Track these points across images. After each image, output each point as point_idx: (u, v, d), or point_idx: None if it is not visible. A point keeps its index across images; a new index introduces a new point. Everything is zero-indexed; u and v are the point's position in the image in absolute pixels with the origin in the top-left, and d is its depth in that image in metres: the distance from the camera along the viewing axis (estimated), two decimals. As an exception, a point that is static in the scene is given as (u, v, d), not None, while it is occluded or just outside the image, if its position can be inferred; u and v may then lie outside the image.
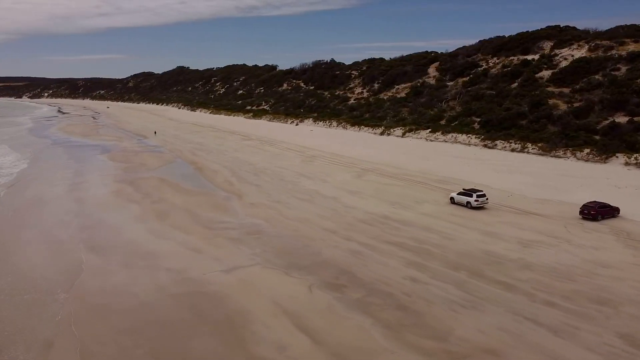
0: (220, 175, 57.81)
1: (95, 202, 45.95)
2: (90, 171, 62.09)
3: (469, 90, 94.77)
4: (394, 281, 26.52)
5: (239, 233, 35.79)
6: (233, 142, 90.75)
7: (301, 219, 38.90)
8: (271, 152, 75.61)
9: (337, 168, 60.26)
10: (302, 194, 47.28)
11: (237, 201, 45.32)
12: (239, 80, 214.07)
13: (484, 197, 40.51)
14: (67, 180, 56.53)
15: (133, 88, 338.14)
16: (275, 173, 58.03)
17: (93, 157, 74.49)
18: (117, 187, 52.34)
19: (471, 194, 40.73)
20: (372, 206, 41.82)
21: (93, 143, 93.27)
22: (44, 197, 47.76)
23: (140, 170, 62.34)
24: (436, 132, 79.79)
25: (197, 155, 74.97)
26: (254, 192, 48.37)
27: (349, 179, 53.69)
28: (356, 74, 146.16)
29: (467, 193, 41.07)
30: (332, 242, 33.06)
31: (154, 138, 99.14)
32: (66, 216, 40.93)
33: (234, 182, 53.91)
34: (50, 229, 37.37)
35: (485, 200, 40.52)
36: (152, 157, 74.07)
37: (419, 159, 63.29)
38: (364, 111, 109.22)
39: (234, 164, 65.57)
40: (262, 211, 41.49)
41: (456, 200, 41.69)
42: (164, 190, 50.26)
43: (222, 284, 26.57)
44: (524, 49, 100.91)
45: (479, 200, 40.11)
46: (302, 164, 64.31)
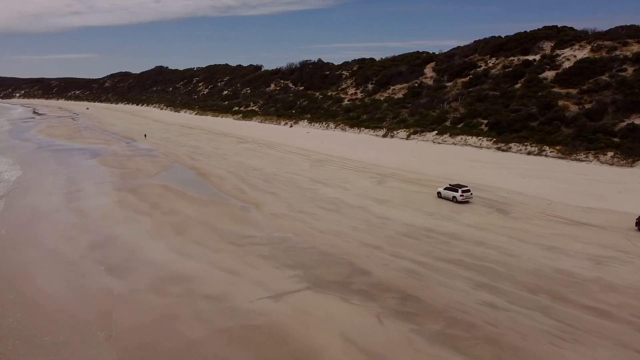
0: (228, 182, 54.04)
1: (99, 214, 41.79)
2: (84, 178, 57.59)
3: (471, 91, 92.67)
4: (470, 307, 23.43)
5: (270, 249, 32.30)
6: (229, 145, 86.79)
7: (334, 232, 35.57)
8: (274, 156, 71.98)
9: (352, 173, 57.09)
10: (325, 202, 43.93)
11: (256, 212, 41.73)
12: (223, 81, 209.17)
13: (468, 192, 43.26)
14: (61, 188, 52.05)
15: (110, 88, 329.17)
16: (287, 179, 54.52)
17: (83, 162, 69.73)
18: (118, 196, 48.18)
19: (457, 189, 43.34)
20: (408, 217, 38.74)
21: (80, 147, 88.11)
22: (41, 208, 43.38)
23: (138, 177, 58.12)
24: (443, 134, 77.17)
25: (195, 159, 70.89)
26: (272, 201, 44.82)
27: (370, 185, 50.57)
28: (347, 75, 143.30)
29: (453, 188, 43.67)
30: (380, 260, 29.83)
31: (144, 141, 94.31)
32: (71, 231, 36.78)
33: (246, 189, 50.24)
34: (56, 247, 33.23)
35: (470, 196, 43.22)
36: (148, 161, 69.68)
37: (435, 163, 60.60)
38: (361, 112, 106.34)
39: (239, 169, 61.81)
40: (288, 223, 38.04)
41: (442, 195, 44.61)
42: (172, 200, 46.31)
43: (275, 315, 23.07)
44: (524, 50, 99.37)
45: (464, 195, 42.92)
46: (312, 169, 60.93)
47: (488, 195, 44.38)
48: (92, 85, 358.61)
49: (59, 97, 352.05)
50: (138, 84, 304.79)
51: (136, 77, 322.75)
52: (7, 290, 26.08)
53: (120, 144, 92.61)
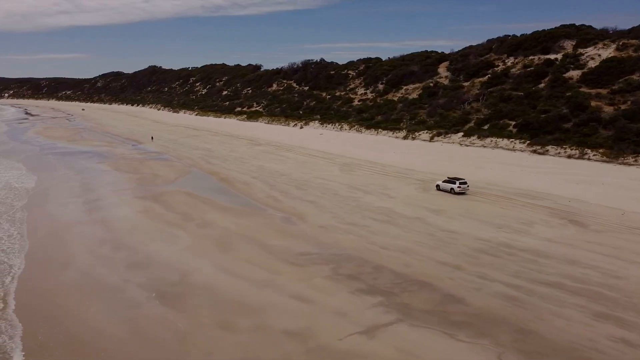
0: (257, 189, 50.12)
1: (126, 226, 37.73)
2: (99, 184, 53.38)
3: (491, 91, 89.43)
4: (604, 345, 19.87)
5: (334, 270, 28.55)
6: (243, 147, 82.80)
7: (399, 248, 31.83)
8: (295, 160, 68.15)
9: (389, 179, 53.44)
10: (374, 213, 40.20)
11: (302, 224, 37.91)
12: (221, 81, 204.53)
13: (465, 184, 46.30)
14: (77, 196, 47.84)
15: (102, 88, 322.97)
16: (320, 186, 50.72)
17: (93, 167, 65.40)
18: (142, 205, 44.07)
19: (455, 181, 46.58)
20: (474, 229, 35.14)
21: (84, 149, 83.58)
22: (62, 220, 39.21)
23: (157, 183, 54.02)
24: (471, 136, 73.75)
25: (212, 163, 66.83)
26: (314, 212, 41.01)
27: (415, 192, 46.93)
28: (354, 74, 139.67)
29: (451, 181, 47.00)
30: (467, 283, 26.13)
31: (151, 144, 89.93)
32: (102, 248, 32.65)
33: (279, 197, 46.35)
34: (92, 268, 29.13)
35: (467, 187, 46.31)
36: (162, 166, 65.50)
37: (472, 168, 57.17)
38: (375, 113, 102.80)
39: (263, 174, 57.89)
40: (342, 237, 34.25)
41: (441, 187, 47.55)
42: (202, 210, 42.32)
43: (377, 358, 19.21)
44: (544, 49, 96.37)
45: (461, 187, 45.96)
46: (343, 174, 57.22)
47: (550, 204, 40.94)
48: (84, 85, 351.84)
49: (50, 97, 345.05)
50: (131, 84, 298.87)
51: (129, 77, 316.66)
52: (50, 327, 21.99)
53: (125, 146, 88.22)
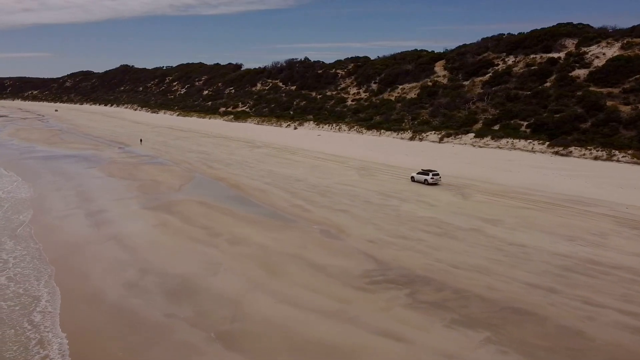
0: (277, 197, 45.65)
1: (146, 244, 32.81)
2: (98, 193, 47.99)
3: (495, 90, 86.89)
4: None
5: (412, 296, 24.65)
6: (242, 150, 77.96)
7: (473, 266, 27.99)
8: (304, 163, 63.85)
9: (416, 184, 49.64)
10: (422, 224, 36.33)
11: (347, 238, 33.76)
12: (200, 80, 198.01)
13: (437, 175, 49.56)
14: (76, 207, 42.48)
15: (71, 88, 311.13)
16: (346, 193, 46.58)
17: (83, 173, 59.63)
18: (155, 217, 39.11)
19: (428, 173, 49.79)
20: (545, 242, 31.68)
21: (68, 153, 77.25)
22: (70, 240, 34.05)
23: (162, 191, 48.92)
24: (484, 137, 70.75)
25: (214, 168, 61.91)
26: (354, 223, 36.87)
27: (455, 199, 43.31)
28: (343, 73, 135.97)
29: (425, 172, 50.17)
30: (575, 310, 22.51)
31: (140, 146, 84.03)
32: (128, 273, 27.74)
33: (306, 206, 42.06)
34: (125, 301, 24.26)
35: (439, 179, 49.48)
36: (160, 171, 60.22)
37: (500, 171, 54.08)
38: (373, 113, 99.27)
39: (276, 179, 53.40)
40: (402, 254, 30.24)
41: (416, 178, 50.78)
42: (226, 222, 37.66)
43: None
44: (545, 47, 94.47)
45: (434, 178, 49.22)
46: (363, 178, 53.28)
47: (608, 211, 37.94)
48: (51, 84, 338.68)
49: (14, 97, 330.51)
50: (102, 83, 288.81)
51: (100, 77, 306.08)
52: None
53: (112, 149, 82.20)
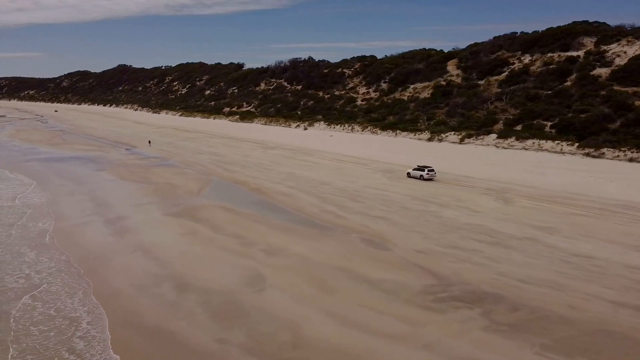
0: (304, 202, 43.08)
1: (177, 256, 30.17)
2: (113, 198, 45.22)
3: (513, 89, 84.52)
4: None
5: (488, 316, 22.14)
6: (254, 151, 75.32)
7: (543, 281, 25.55)
8: (325, 166, 61.30)
9: (451, 188, 47.27)
10: (471, 232, 33.86)
11: (393, 248, 31.27)
12: (202, 80, 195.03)
13: (433, 172, 50.95)
14: (94, 214, 39.74)
15: (68, 88, 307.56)
16: (378, 197, 44.06)
17: (94, 176, 56.80)
18: (180, 225, 36.42)
19: (424, 169, 51.30)
20: (614, 254, 29.34)
21: (74, 155, 74.34)
22: (94, 250, 31.27)
23: (180, 196, 46.21)
24: (507, 138, 68.31)
25: (230, 170, 59.21)
26: (396, 231, 34.33)
27: (497, 205, 40.87)
28: (350, 73, 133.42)
29: (420, 168, 51.74)
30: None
31: (148, 148, 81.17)
32: (164, 289, 25.13)
33: (339, 212, 39.53)
34: (168, 324, 21.55)
35: (434, 174, 50.88)
36: (173, 174, 57.49)
37: (533, 174, 51.63)
38: (385, 113, 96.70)
39: (299, 183, 50.78)
40: (460, 267, 27.73)
41: (412, 174, 52.17)
42: (257, 231, 35.08)
43: None
44: (563, 46, 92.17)
45: (429, 174, 50.67)
46: (393, 182, 50.86)
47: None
48: (48, 84, 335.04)
49: (10, 97, 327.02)
50: (100, 83, 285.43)
51: (97, 77, 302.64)
52: None
53: (118, 150, 79.31)
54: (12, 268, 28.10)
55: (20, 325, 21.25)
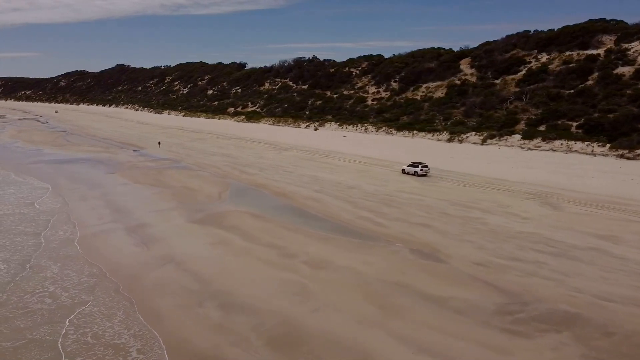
0: (336, 207, 40.62)
1: (212, 269, 27.61)
2: (130, 203, 42.52)
3: (532, 89, 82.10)
4: None
5: (582, 340, 19.84)
6: (269, 153, 72.68)
7: (630, 299, 23.24)
8: (348, 168, 58.75)
9: (489, 192, 44.83)
10: (526, 241, 31.45)
11: (444, 258, 28.86)
12: (203, 79, 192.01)
13: (426, 167, 52.48)
14: (113, 221, 37.02)
15: (66, 88, 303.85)
16: (414, 202, 41.50)
17: (105, 179, 53.99)
18: (209, 234, 33.84)
19: (418, 165, 52.70)
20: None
21: (81, 157, 71.45)
22: (120, 263, 28.55)
23: (201, 201, 43.54)
24: (533, 139, 65.84)
25: (248, 173, 56.51)
26: (444, 241, 31.86)
27: (545, 211, 38.49)
28: (357, 72, 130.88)
29: (415, 165, 53.04)
30: None
31: (156, 149, 78.33)
32: (208, 309, 22.48)
33: (377, 219, 37.05)
34: (221, 349, 19.13)
35: (428, 170, 52.43)
36: (188, 177, 54.76)
37: (570, 177, 49.29)
38: (399, 113, 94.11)
39: (325, 187, 48.19)
40: (527, 282, 25.27)
41: (406, 171, 53.63)
42: (294, 240, 32.54)
43: None
44: (582, 44, 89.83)
45: (423, 170, 52.09)
46: (427, 186, 48.30)
47: None
48: (45, 84, 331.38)
49: (7, 97, 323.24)
50: (98, 83, 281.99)
51: (95, 76, 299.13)
52: None
53: (126, 152, 76.44)
54: (49, 282, 25.35)
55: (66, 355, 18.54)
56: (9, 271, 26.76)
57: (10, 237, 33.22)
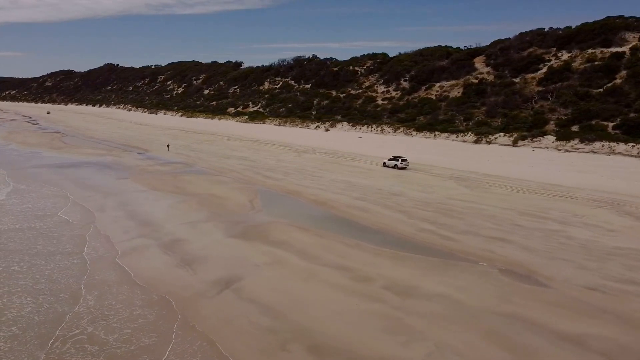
0: (388, 218, 36.44)
1: (281, 298, 23.34)
2: (155, 214, 38.01)
3: (559, 88, 78.64)
4: None
5: None
6: (287, 155, 68.31)
7: None
8: (381, 172, 54.41)
9: (549, 199, 40.70)
10: (632, 259, 27.16)
11: (546, 282, 24.78)
12: (198, 79, 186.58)
13: (406, 161, 55.05)
14: (141, 236, 32.47)
15: (52, 88, 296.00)
16: (475, 211, 37.44)
17: (118, 185, 49.18)
18: (257, 251, 29.48)
19: (397, 159, 55.25)
20: None
21: (83, 160, 66.31)
22: (168, 286, 23.75)
23: (234, 210, 39.15)
24: (570, 140, 62.23)
25: (273, 178, 52.07)
26: (531, 257, 27.91)
27: (628, 222, 34.64)
28: (362, 71, 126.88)
29: (395, 158, 55.62)
30: None
31: (161, 151, 73.34)
32: (298, 355, 17.76)
33: (440, 231, 32.97)
34: None
35: (407, 164, 54.87)
36: (210, 183, 50.23)
37: (631, 182, 45.28)
38: (414, 113, 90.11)
39: (366, 193, 44.09)
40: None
41: (387, 164, 55.96)
42: (359, 259, 28.31)
43: None
44: (604, 41, 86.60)
45: (402, 163, 54.62)
46: (476, 192, 44.22)
47: None
48: (30, 84, 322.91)
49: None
50: (86, 83, 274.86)
51: (83, 76, 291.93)
52: None
53: (131, 155, 71.44)
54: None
55: None
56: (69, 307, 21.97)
57: (45, 258, 28.34)
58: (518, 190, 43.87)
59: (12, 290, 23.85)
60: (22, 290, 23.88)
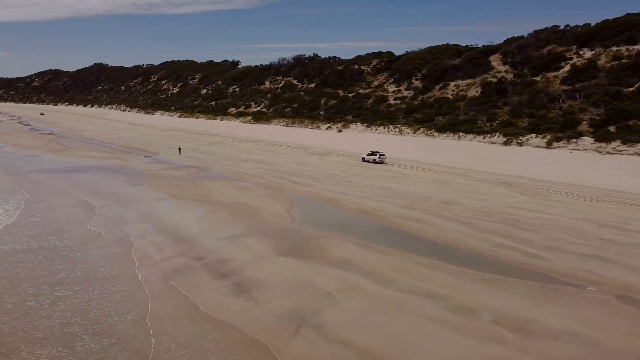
0: (452, 231, 32.32)
1: (372, 339, 19.52)
2: (184, 227, 33.61)
3: (586, 87, 75.18)
4: None
5: None
6: (307, 158, 64.21)
7: None
8: (422, 177, 50.63)
9: (620, 208, 36.94)
10: None
11: (689, 314, 20.21)
12: (194, 78, 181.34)
13: (383, 156, 57.68)
14: (178, 255, 28.10)
15: (40, 87, 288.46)
16: (546, 222, 33.54)
17: (132, 192, 44.68)
18: (319, 274, 25.38)
19: (376, 153, 57.83)
20: None
21: (87, 164, 61.47)
22: (231, 321, 19.34)
23: (273, 222, 35.08)
24: (611, 141, 58.68)
25: (302, 184, 47.93)
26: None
27: None
28: (369, 70, 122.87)
29: (373, 153, 58.08)
30: None
31: (176, 155, 68.51)
32: None
33: (521, 247, 28.98)
34: None
35: (384, 158, 57.62)
36: (234, 189, 45.89)
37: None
38: (432, 114, 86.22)
39: (414, 202, 39.96)
40: None
41: (366, 159, 58.25)
42: (442, 282, 24.38)
43: None
44: (629, 39, 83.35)
45: (380, 157, 57.22)
46: (533, 199, 40.27)
47: None
48: (17, 84, 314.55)
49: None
50: (75, 82, 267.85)
51: (72, 76, 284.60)
52: None
53: (137, 158, 66.70)
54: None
55: None
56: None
57: (98, 285, 23.72)
58: (582, 198, 39.97)
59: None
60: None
